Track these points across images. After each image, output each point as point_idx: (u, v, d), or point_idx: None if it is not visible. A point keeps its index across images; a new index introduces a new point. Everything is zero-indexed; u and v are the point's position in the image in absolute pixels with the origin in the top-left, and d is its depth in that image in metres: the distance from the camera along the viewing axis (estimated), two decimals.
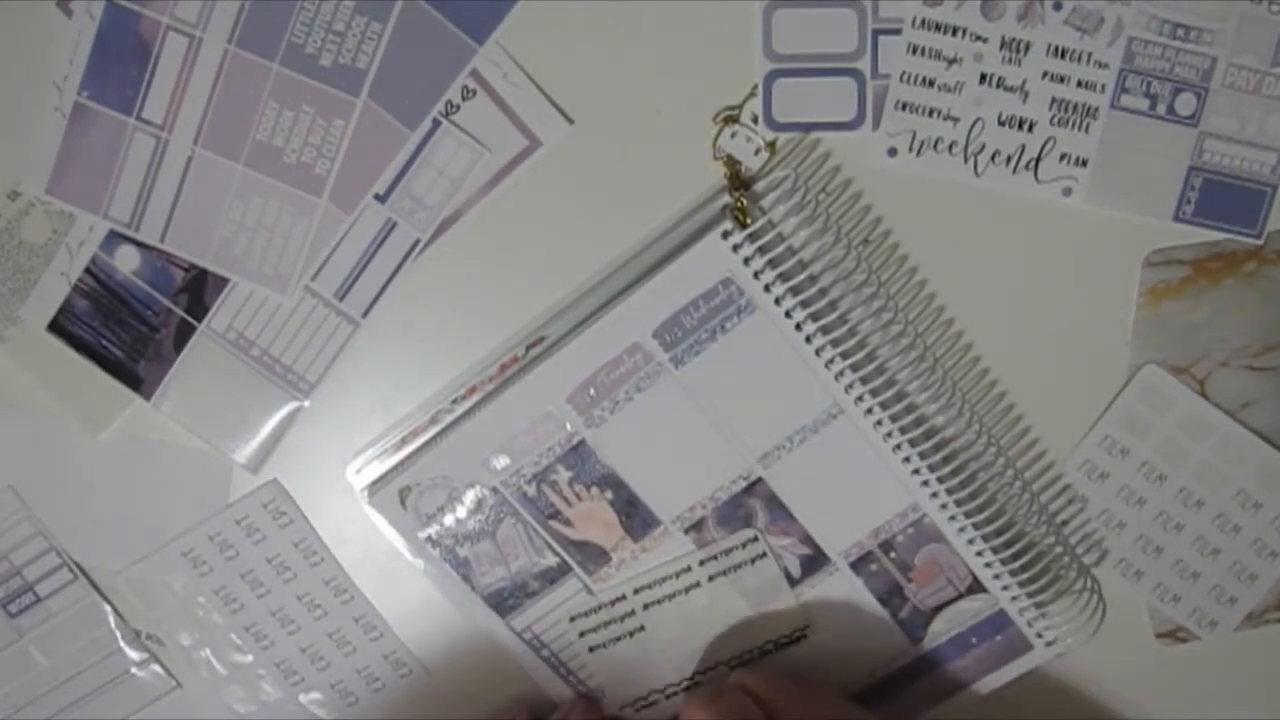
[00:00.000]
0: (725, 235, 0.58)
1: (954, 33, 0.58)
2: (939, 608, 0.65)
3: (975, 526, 0.62)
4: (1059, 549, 0.64)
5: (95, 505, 0.66)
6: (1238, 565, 0.62)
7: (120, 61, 0.59)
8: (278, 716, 0.69)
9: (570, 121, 0.59)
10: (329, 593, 0.67)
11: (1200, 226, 0.60)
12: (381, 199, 0.61)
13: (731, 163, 0.59)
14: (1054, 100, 0.58)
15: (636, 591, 0.64)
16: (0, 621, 0.67)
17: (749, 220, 0.59)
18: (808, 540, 0.64)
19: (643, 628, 0.65)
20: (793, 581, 0.65)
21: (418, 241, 0.61)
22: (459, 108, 0.59)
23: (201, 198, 0.61)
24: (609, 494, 0.63)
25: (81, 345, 0.63)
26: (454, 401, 0.62)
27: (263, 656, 0.68)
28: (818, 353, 0.60)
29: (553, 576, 0.65)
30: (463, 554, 0.64)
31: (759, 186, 0.59)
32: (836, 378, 0.60)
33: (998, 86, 0.58)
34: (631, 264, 0.60)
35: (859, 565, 0.64)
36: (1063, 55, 0.58)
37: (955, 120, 0.59)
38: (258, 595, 0.67)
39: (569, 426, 0.62)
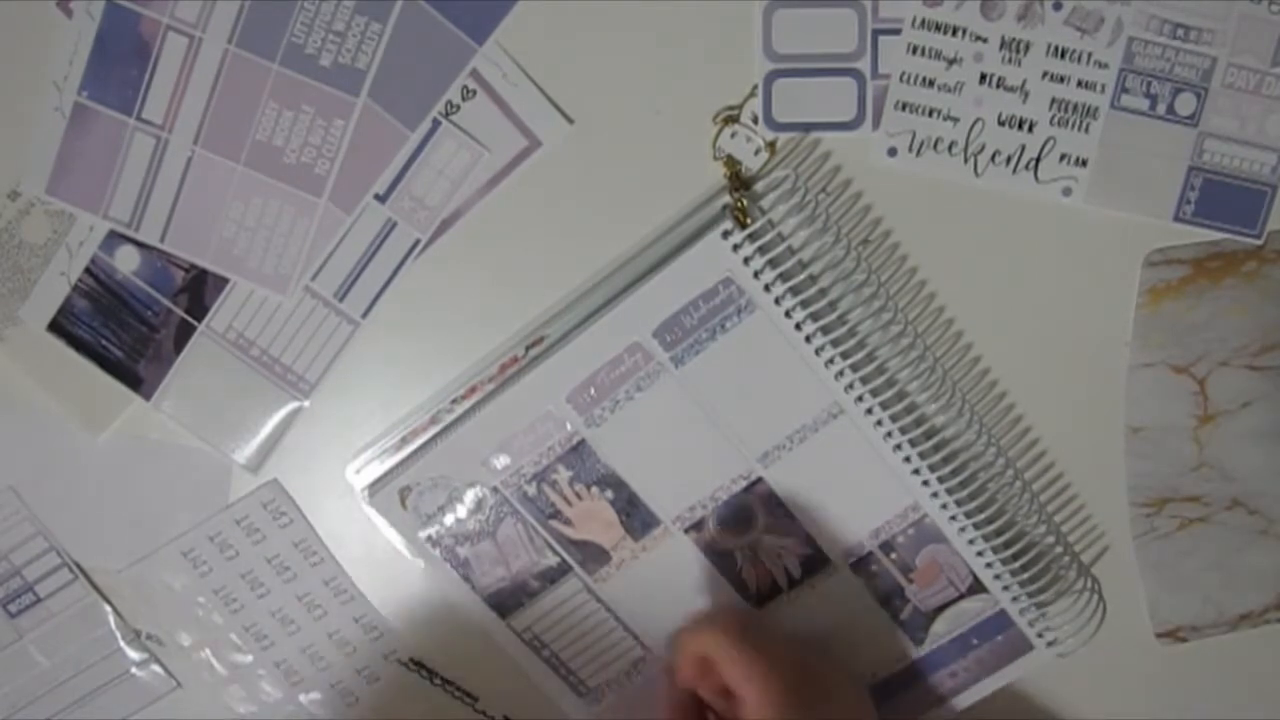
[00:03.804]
0: (725, 235, 0.58)
1: (954, 33, 0.58)
2: (940, 609, 0.65)
3: (976, 526, 0.62)
4: (1059, 548, 0.64)
5: (95, 505, 0.66)
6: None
7: (120, 61, 0.59)
8: (277, 717, 0.69)
9: (570, 121, 0.59)
10: (329, 593, 0.67)
11: (1200, 226, 0.60)
12: (381, 199, 0.61)
13: (731, 163, 0.59)
14: (1054, 100, 0.58)
15: None
16: (0, 621, 0.67)
17: (749, 220, 0.59)
18: (808, 541, 0.64)
19: None
20: (793, 583, 0.65)
21: (418, 241, 0.61)
22: (459, 108, 0.59)
23: (201, 198, 0.61)
24: (609, 494, 0.63)
25: (81, 345, 0.63)
26: (454, 401, 0.62)
27: (263, 656, 0.68)
28: (818, 352, 0.60)
29: (553, 576, 0.65)
30: (463, 554, 0.64)
31: (759, 186, 0.59)
32: (836, 377, 0.60)
33: (998, 86, 0.58)
34: (631, 264, 0.60)
35: (859, 566, 0.64)
36: (1063, 55, 0.58)
37: (955, 120, 0.59)
38: (258, 595, 0.67)
39: (569, 426, 0.62)
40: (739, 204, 0.59)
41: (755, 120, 0.59)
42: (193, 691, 0.69)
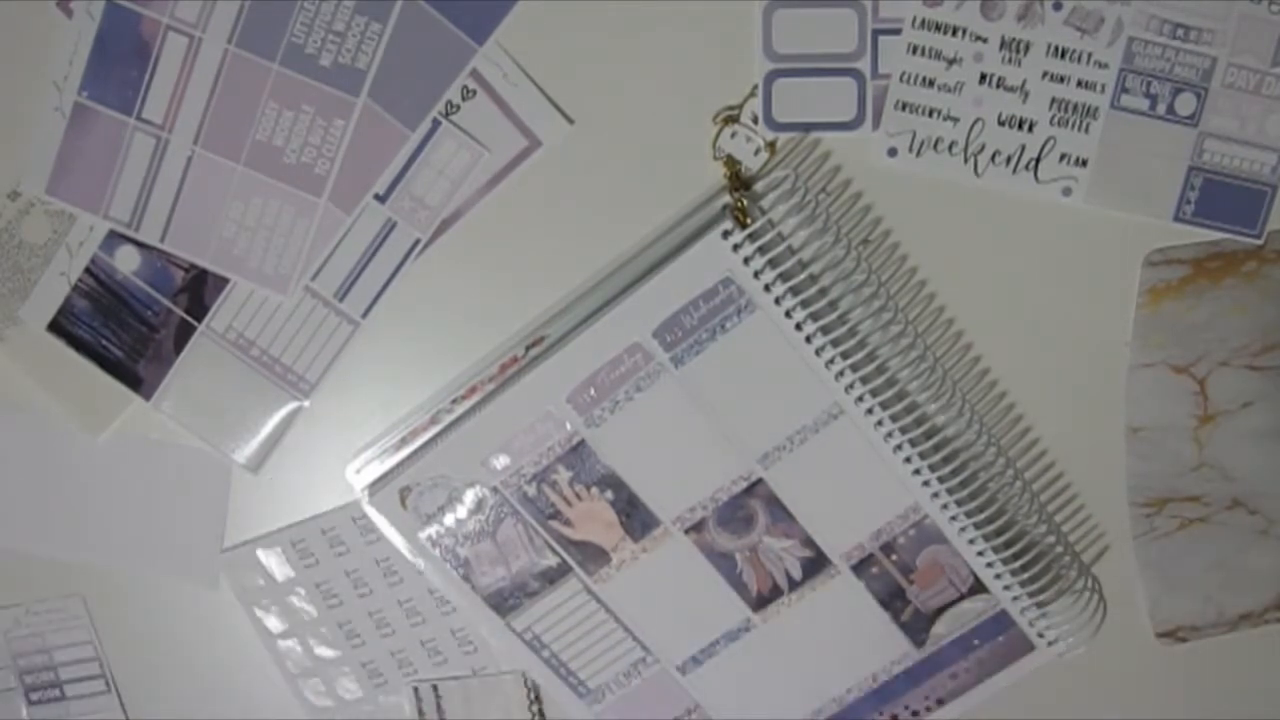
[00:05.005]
0: (725, 235, 0.58)
1: (954, 33, 0.58)
2: (941, 610, 0.65)
3: (976, 526, 0.62)
4: (1059, 548, 0.64)
5: (95, 505, 0.66)
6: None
7: (120, 61, 0.59)
8: (353, 716, 0.69)
9: (570, 121, 0.59)
10: (432, 602, 0.66)
11: (1200, 226, 0.60)
12: (381, 199, 0.61)
13: (731, 163, 0.59)
14: (1054, 100, 0.58)
15: None
16: (15, 701, 0.68)
17: (749, 220, 0.59)
18: (809, 543, 0.64)
19: None
20: (794, 585, 0.64)
21: (418, 241, 0.61)
22: (459, 108, 0.59)
23: (201, 198, 0.61)
24: (609, 494, 0.63)
25: (81, 345, 0.63)
26: (454, 401, 0.62)
27: (351, 655, 0.68)
28: (818, 352, 0.60)
29: (553, 576, 0.65)
30: (463, 554, 0.64)
31: (759, 186, 0.59)
32: (837, 378, 0.60)
33: (998, 86, 0.58)
34: (631, 264, 0.60)
35: (860, 568, 0.64)
36: (1063, 55, 0.58)
37: (955, 120, 0.59)
38: (359, 594, 0.67)
39: (569, 426, 0.62)
40: (739, 204, 0.59)
41: (755, 120, 0.59)
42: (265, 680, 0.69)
